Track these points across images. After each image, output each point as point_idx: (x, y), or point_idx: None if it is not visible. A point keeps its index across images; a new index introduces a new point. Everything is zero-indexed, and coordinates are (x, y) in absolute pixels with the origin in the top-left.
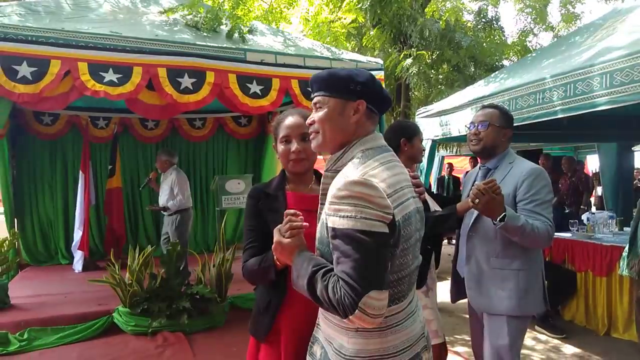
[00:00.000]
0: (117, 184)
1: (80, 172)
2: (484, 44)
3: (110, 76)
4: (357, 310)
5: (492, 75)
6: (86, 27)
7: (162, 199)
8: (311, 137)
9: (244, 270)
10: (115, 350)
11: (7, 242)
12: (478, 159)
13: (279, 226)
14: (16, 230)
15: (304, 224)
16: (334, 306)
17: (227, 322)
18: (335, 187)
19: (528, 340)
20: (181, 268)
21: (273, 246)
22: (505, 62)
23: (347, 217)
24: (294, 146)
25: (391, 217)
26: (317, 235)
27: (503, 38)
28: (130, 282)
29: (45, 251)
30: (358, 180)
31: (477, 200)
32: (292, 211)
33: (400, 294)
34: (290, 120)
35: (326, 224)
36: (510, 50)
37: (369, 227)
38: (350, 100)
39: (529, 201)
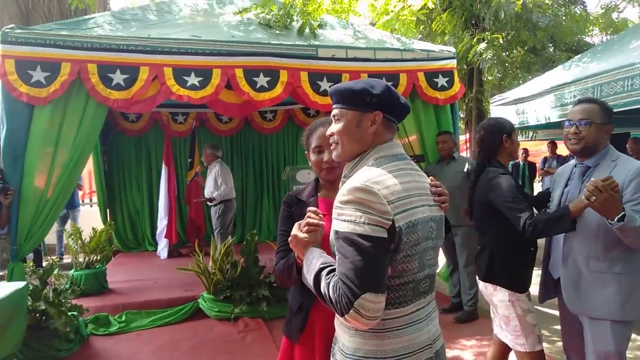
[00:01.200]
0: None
1: (164, 165)
2: (564, 22)
3: (192, 80)
4: (352, 310)
5: (575, 58)
6: (169, 32)
7: (208, 191)
8: (332, 147)
9: (274, 273)
10: (202, 333)
11: (104, 232)
12: (574, 155)
13: (299, 221)
14: (110, 220)
15: (322, 222)
16: (333, 304)
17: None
18: (341, 192)
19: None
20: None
21: (289, 238)
22: (588, 40)
23: (348, 221)
24: (326, 156)
25: (390, 222)
26: (330, 237)
27: (585, 13)
28: (213, 270)
29: (134, 239)
30: (359, 187)
31: (593, 198)
32: (313, 209)
33: (401, 299)
34: (321, 130)
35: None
36: (593, 25)
37: (368, 231)
38: (367, 112)
39: (639, 202)
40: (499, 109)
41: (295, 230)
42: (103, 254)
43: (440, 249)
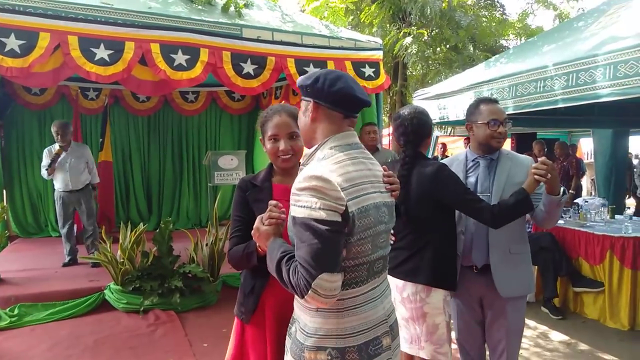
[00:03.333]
0: (106, 158)
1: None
2: (484, 24)
3: (102, 53)
4: (310, 291)
5: (493, 58)
6: None
7: (84, 176)
8: None
9: (229, 257)
10: (107, 327)
11: None
12: (487, 152)
13: (261, 214)
14: (5, 202)
15: (283, 215)
16: (293, 287)
17: (218, 301)
18: (297, 180)
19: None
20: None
21: (252, 231)
22: (504, 43)
23: (305, 206)
24: (282, 145)
25: (344, 208)
26: (288, 223)
27: (504, 17)
28: (122, 260)
29: (34, 223)
30: (315, 175)
31: (549, 176)
32: (275, 202)
33: (357, 279)
34: (277, 119)
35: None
36: (509, 30)
37: (323, 216)
38: (307, 100)
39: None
40: (421, 103)
41: (257, 223)
42: None
43: None
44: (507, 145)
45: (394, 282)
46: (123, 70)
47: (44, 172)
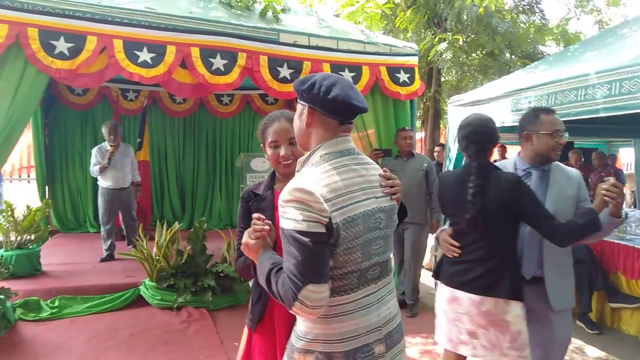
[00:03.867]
0: (144, 157)
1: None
2: (522, 30)
3: (145, 55)
4: (297, 302)
5: (531, 65)
6: (122, 1)
7: (130, 174)
8: None
9: (236, 268)
10: (142, 322)
11: (39, 210)
12: (517, 157)
13: (248, 229)
14: (47, 198)
15: (266, 227)
16: (282, 299)
17: (249, 301)
18: (283, 192)
19: None
20: None
21: (242, 246)
22: (543, 49)
23: (290, 219)
24: (282, 151)
25: (327, 219)
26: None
27: (543, 22)
28: (157, 257)
29: (74, 219)
30: (298, 187)
31: (619, 200)
32: (257, 215)
33: (347, 287)
34: (277, 125)
35: None
36: (548, 36)
37: (307, 228)
38: (302, 104)
39: (587, 200)
40: (456, 109)
41: (245, 239)
42: (37, 234)
43: None
44: None
45: (469, 297)
46: (164, 73)
47: (94, 169)
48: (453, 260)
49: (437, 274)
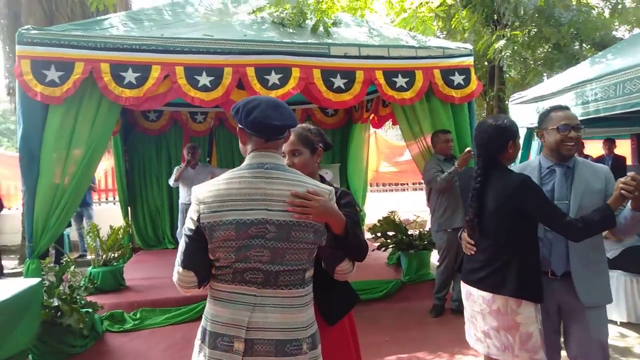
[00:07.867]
0: (213, 176)
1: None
2: (590, 18)
3: (204, 79)
4: (174, 276)
5: (599, 54)
6: (182, 32)
7: None
8: None
9: None
10: None
11: (122, 229)
12: (541, 155)
13: None
14: (129, 218)
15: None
16: None
17: None
18: None
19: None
20: None
21: None
22: (618, 34)
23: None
24: (285, 160)
25: (197, 219)
26: None
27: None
28: None
29: (154, 236)
30: (193, 189)
31: (637, 193)
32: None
33: (222, 277)
34: None
35: None
36: (622, 20)
37: (187, 224)
38: (238, 126)
39: None
40: (518, 107)
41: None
42: (120, 251)
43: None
44: (626, 146)
45: (481, 295)
46: (222, 95)
47: (171, 180)
48: (469, 258)
49: (459, 270)
